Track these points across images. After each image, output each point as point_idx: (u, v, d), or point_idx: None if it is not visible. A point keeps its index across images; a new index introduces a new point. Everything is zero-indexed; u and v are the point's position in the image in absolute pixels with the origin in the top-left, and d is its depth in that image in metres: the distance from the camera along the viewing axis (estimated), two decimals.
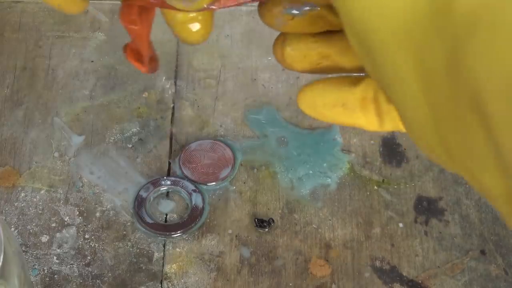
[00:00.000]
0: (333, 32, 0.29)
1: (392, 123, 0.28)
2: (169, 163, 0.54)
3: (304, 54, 0.30)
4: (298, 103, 0.30)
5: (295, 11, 0.29)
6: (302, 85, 0.30)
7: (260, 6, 0.30)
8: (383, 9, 0.23)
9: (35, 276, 0.48)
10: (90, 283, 0.48)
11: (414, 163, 0.54)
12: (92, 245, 0.49)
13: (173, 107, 0.56)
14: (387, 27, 0.23)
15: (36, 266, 0.48)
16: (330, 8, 0.28)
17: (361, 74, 0.29)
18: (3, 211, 0.51)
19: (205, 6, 0.29)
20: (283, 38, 0.30)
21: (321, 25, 0.29)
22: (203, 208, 0.51)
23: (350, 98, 0.28)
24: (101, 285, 0.48)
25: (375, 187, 0.53)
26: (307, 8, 0.29)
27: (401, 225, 0.51)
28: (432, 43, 0.22)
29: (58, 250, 0.49)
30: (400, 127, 0.27)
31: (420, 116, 0.23)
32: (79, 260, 0.49)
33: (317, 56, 0.30)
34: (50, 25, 0.61)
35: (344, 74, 0.30)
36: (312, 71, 0.31)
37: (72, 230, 0.50)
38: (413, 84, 0.23)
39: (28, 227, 0.50)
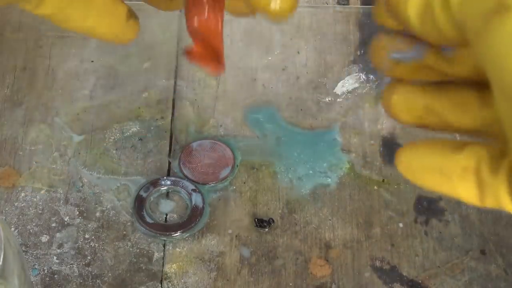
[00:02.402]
0: (448, 83, 0.27)
1: (494, 200, 0.25)
2: (169, 163, 0.54)
3: (409, 105, 0.28)
4: (396, 163, 0.28)
5: (397, 56, 0.28)
6: (404, 144, 0.28)
7: (371, 46, 0.28)
8: None
9: (35, 276, 0.48)
10: (90, 283, 0.48)
11: None
12: (92, 245, 0.49)
13: (173, 107, 0.56)
14: None
15: (36, 266, 0.48)
16: (442, 57, 0.26)
17: (468, 138, 0.27)
18: (3, 211, 0.51)
19: None
20: (393, 85, 0.28)
21: (432, 74, 0.27)
22: (203, 208, 0.51)
23: (449, 165, 0.26)
24: (101, 285, 0.48)
25: (375, 187, 0.53)
26: (411, 55, 0.27)
27: (401, 225, 0.51)
28: None
29: (58, 250, 0.49)
30: (504, 205, 0.25)
31: None
32: (79, 260, 0.49)
33: (423, 110, 0.28)
34: (50, 25, 0.61)
35: (449, 137, 0.27)
36: (417, 125, 0.29)
37: (72, 230, 0.50)
38: None
39: (28, 227, 0.50)
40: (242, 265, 0.49)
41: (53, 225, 0.50)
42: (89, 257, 0.49)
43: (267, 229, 0.50)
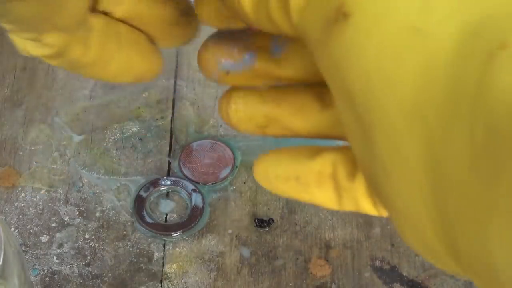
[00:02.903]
0: (286, 88, 0.26)
1: (353, 203, 0.24)
2: (169, 163, 0.54)
3: (248, 114, 0.27)
4: (253, 173, 0.27)
5: (227, 66, 0.26)
6: (259, 155, 0.27)
7: (197, 57, 0.27)
8: (391, 79, 0.19)
9: (35, 276, 0.48)
10: (90, 283, 0.48)
11: None
12: (92, 245, 0.49)
13: (173, 107, 0.56)
14: (395, 103, 0.19)
15: (36, 266, 0.48)
16: (271, 60, 0.25)
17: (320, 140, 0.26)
18: (3, 211, 0.51)
19: None
20: (228, 95, 0.27)
21: (265, 81, 0.26)
22: (203, 208, 0.51)
23: (304, 172, 0.25)
24: (101, 285, 0.48)
25: None
26: (241, 63, 0.26)
27: None
28: (452, 137, 0.18)
29: (58, 250, 0.49)
30: (362, 208, 0.24)
31: (423, 219, 0.19)
32: (79, 260, 0.49)
33: (263, 118, 0.27)
34: None
35: (302, 146, 0.26)
36: (259, 134, 0.28)
37: (72, 230, 0.50)
38: (421, 178, 0.19)
39: (28, 227, 0.50)
40: (242, 265, 0.49)
41: (53, 225, 0.50)
42: (89, 257, 0.49)
43: (267, 229, 0.50)
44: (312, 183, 0.25)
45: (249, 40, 0.26)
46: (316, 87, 0.26)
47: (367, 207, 0.24)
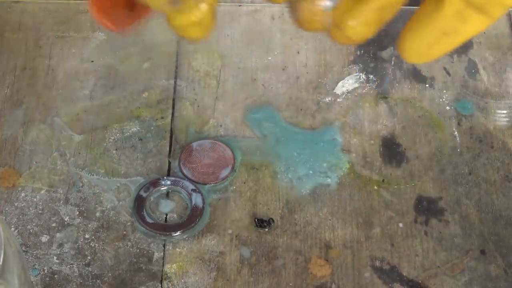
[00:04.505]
0: None
1: (500, 7, 0.26)
2: (169, 163, 0.54)
3: (366, 21, 0.29)
4: (405, 59, 0.29)
5: (331, 3, 0.27)
6: (397, 43, 0.29)
7: (298, 22, 0.28)
8: None
9: (35, 276, 0.48)
10: (90, 283, 0.48)
11: (414, 163, 0.54)
12: (92, 245, 0.49)
13: (173, 107, 0.56)
14: None
15: (36, 266, 0.48)
16: None
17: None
18: (3, 211, 0.51)
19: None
20: (336, 23, 0.29)
21: None
22: (203, 208, 0.51)
23: (446, 22, 0.27)
24: (101, 285, 0.48)
25: (375, 187, 0.53)
26: None
27: (401, 225, 0.51)
28: None
29: (58, 250, 0.49)
30: (510, 3, 0.26)
31: None
32: (79, 260, 0.49)
33: (377, 13, 0.29)
34: (50, 25, 0.61)
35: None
36: (379, 27, 0.30)
37: (72, 230, 0.50)
38: None
39: (28, 227, 0.50)
40: (242, 265, 0.49)
41: (53, 225, 0.50)
42: (89, 257, 0.49)
43: (267, 229, 0.50)
44: (459, 24, 0.27)
45: None
46: None
47: None
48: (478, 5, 0.26)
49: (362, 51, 0.60)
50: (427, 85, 0.58)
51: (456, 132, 0.55)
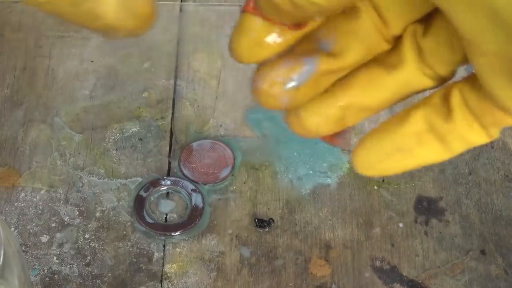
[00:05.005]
0: (345, 76, 0.26)
1: (462, 141, 0.25)
2: (169, 163, 0.54)
3: (325, 115, 0.27)
4: (355, 169, 0.27)
5: (296, 82, 0.25)
6: (352, 150, 0.27)
7: (256, 91, 0.26)
8: None
9: (35, 276, 0.48)
10: (90, 283, 0.48)
11: None
12: (92, 245, 0.49)
13: (173, 107, 0.56)
14: None
15: (36, 266, 0.48)
16: (327, 55, 0.25)
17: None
18: (3, 211, 0.51)
19: None
20: (294, 111, 0.27)
21: (330, 79, 0.26)
22: (203, 208, 0.51)
23: (403, 140, 0.26)
24: (101, 285, 0.48)
25: (375, 187, 0.53)
26: (308, 71, 0.25)
27: (401, 225, 0.51)
28: None
29: (58, 250, 0.49)
30: (472, 140, 0.24)
31: None
32: (79, 260, 0.49)
33: (339, 111, 0.27)
34: (50, 25, 0.61)
35: (385, 120, 0.27)
36: (340, 128, 0.28)
37: (72, 230, 0.50)
38: None
39: (28, 227, 0.50)
40: (242, 265, 0.49)
41: (53, 225, 0.50)
42: (89, 257, 0.49)
43: (267, 229, 0.50)
44: (415, 146, 0.25)
45: (297, 52, 0.26)
46: (373, 60, 0.26)
47: (477, 136, 0.24)
48: (440, 134, 0.25)
49: None
50: None
51: None
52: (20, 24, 0.61)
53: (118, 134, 0.55)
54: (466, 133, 0.24)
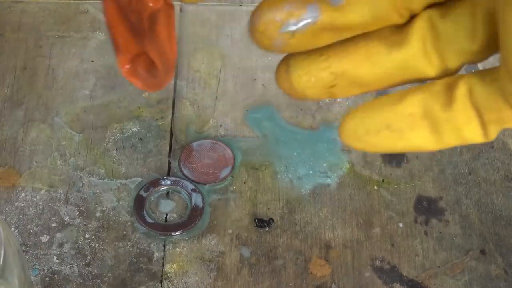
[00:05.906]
0: (344, 42, 0.25)
1: (455, 134, 0.24)
2: (169, 163, 0.54)
3: (315, 77, 0.26)
4: (340, 137, 0.26)
5: (292, 27, 0.24)
6: (342, 116, 0.26)
7: (252, 28, 0.25)
8: None
9: (35, 276, 0.48)
10: (90, 283, 0.48)
11: (414, 163, 0.54)
12: (92, 245, 0.49)
13: (173, 107, 0.56)
14: None
15: (36, 266, 0.48)
16: (333, 9, 0.24)
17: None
18: (3, 211, 0.51)
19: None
20: (286, 63, 0.26)
21: (329, 36, 0.25)
22: (203, 208, 0.51)
23: (395, 118, 0.25)
24: (101, 285, 0.48)
25: (375, 187, 0.53)
26: (307, 21, 0.24)
27: (401, 225, 0.51)
28: None
29: (58, 250, 0.49)
30: (466, 136, 0.24)
31: None
32: (79, 260, 0.49)
33: (330, 77, 0.26)
34: (50, 25, 0.61)
35: (384, 95, 0.26)
36: (329, 97, 0.27)
37: (72, 230, 0.50)
38: None
39: (28, 227, 0.50)
40: (242, 265, 0.49)
41: (53, 225, 0.50)
42: (89, 257, 0.49)
43: (267, 229, 0.50)
44: (406, 128, 0.24)
45: None
46: (377, 32, 0.25)
47: (472, 133, 0.23)
48: (435, 121, 0.24)
49: None
50: None
51: None
52: (20, 24, 0.61)
53: (118, 134, 0.55)
54: (463, 126, 0.24)
